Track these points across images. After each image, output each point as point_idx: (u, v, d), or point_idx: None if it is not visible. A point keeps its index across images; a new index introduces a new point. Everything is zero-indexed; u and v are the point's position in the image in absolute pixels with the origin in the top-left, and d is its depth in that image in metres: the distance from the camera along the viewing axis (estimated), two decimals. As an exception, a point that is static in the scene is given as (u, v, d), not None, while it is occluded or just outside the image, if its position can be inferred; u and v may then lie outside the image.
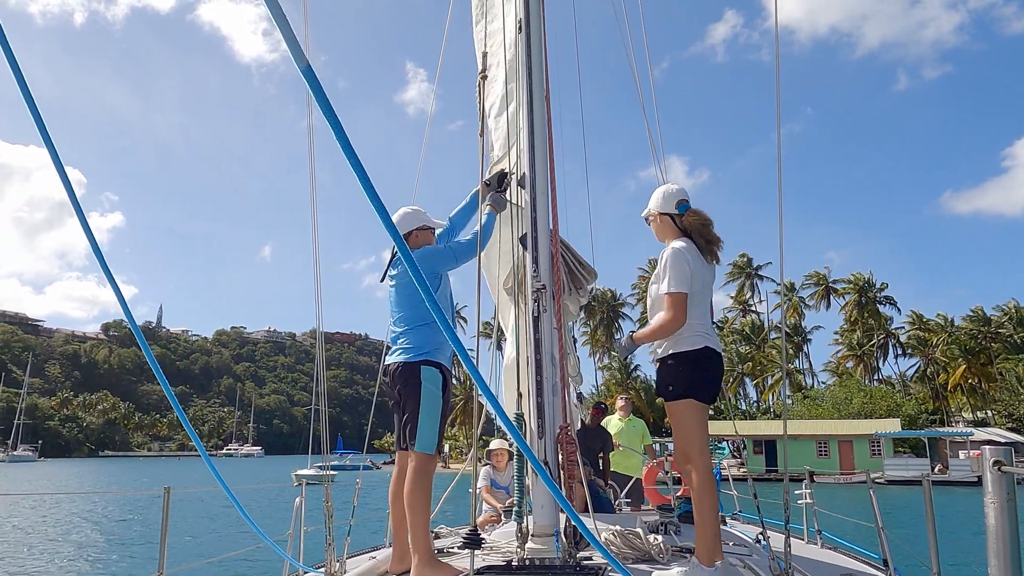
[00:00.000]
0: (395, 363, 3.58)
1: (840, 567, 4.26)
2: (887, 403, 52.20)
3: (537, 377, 3.53)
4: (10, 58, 1.63)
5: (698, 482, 3.16)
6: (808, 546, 5.37)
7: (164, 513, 3.73)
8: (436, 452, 3.50)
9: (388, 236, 1.65)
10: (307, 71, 1.41)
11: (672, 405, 3.27)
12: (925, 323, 66.08)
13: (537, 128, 3.70)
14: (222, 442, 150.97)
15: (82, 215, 1.99)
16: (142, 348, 2.38)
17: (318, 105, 1.43)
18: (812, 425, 48.53)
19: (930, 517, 3.70)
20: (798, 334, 68.11)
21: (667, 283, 3.25)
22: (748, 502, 4.37)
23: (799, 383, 65.12)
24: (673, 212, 3.45)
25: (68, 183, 1.95)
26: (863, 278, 68.03)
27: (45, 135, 1.81)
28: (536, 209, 3.64)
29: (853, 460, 44.34)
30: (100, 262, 2.05)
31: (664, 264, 3.30)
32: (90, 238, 2.01)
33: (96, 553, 16.02)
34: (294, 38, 1.35)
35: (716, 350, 3.33)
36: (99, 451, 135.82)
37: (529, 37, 3.84)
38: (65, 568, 14.19)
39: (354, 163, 1.48)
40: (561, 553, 3.37)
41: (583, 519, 3.50)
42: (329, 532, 3.66)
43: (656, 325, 3.26)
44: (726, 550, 3.80)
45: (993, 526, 2.08)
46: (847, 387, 56.01)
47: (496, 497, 6.24)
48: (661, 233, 3.52)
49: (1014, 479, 2.14)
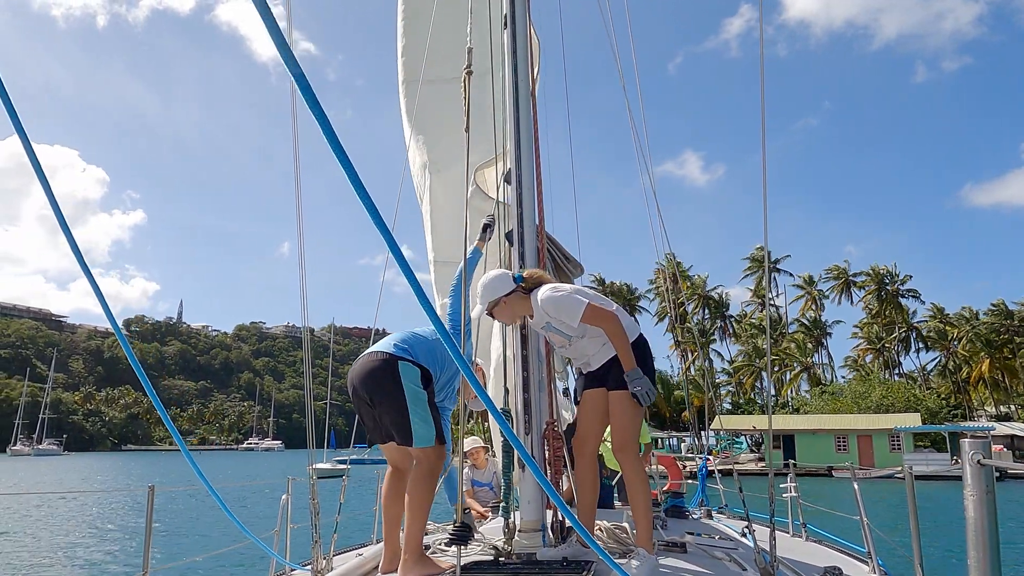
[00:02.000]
0: (364, 360, 3.43)
1: (824, 560, 4.25)
2: (907, 397, 51.66)
3: (524, 373, 3.53)
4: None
5: (635, 471, 3.34)
6: (793, 539, 5.41)
7: (148, 512, 3.73)
8: (438, 442, 3.34)
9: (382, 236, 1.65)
10: (298, 77, 1.40)
11: (615, 395, 3.37)
12: (947, 316, 65.30)
13: (523, 124, 3.70)
14: (243, 436, 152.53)
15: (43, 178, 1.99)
16: (117, 336, 2.39)
17: (308, 106, 1.41)
18: (831, 420, 48.14)
19: (912, 510, 3.73)
20: (817, 328, 67.58)
21: (575, 307, 3.33)
22: (734, 496, 4.36)
23: (818, 378, 64.59)
24: (513, 287, 3.48)
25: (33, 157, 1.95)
26: (883, 270, 67.32)
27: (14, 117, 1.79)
28: (522, 205, 3.64)
29: (872, 455, 43.92)
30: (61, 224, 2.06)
31: (559, 307, 3.35)
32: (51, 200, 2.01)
33: (83, 552, 15.96)
34: (283, 39, 1.35)
35: (644, 337, 3.48)
36: (122, 445, 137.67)
37: (515, 33, 3.84)
38: (56, 566, 14.24)
39: (344, 164, 1.48)
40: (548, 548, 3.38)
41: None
42: (315, 529, 3.67)
43: (614, 336, 3.33)
44: (712, 544, 3.81)
45: (972, 518, 2.13)
46: (866, 381, 55.50)
47: (477, 496, 6.23)
48: (519, 309, 3.52)
49: (993, 472, 2.19)
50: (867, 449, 44.59)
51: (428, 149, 5.79)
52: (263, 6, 1.36)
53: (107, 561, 14.84)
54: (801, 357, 64.31)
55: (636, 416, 3.37)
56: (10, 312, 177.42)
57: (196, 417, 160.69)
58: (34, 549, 16.48)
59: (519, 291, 3.48)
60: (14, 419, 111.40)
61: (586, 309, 3.31)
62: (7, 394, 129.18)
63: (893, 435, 43.92)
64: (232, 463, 67.93)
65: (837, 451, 45.19)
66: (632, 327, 3.44)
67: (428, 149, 5.79)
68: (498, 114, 3.92)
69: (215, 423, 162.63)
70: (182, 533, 18.51)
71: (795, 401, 61.78)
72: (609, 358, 3.40)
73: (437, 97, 5.52)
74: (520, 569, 3.14)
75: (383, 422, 3.39)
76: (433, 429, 3.32)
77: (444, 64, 5.18)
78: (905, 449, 42.85)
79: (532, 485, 3.47)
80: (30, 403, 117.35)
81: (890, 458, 42.68)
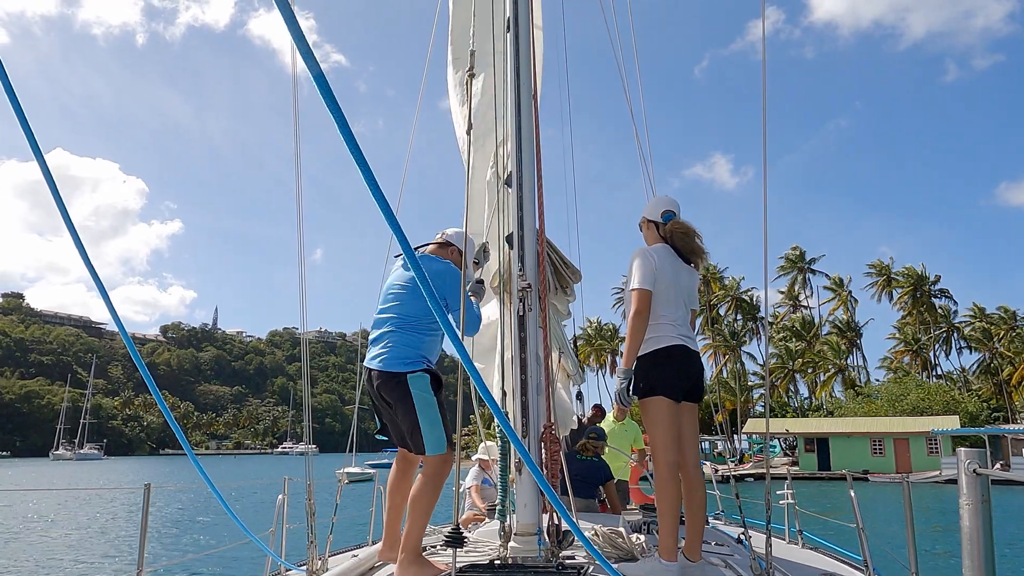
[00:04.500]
0: (376, 371, 3.48)
1: (820, 567, 4.18)
2: (945, 399, 50.42)
3: (522, 376, 3.52)
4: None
5: (658, 478, 3.25)
6: (789, 546, 5.35)
7: (144, 511, 3.76)
8: (449, 449, 3.40)
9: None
10: (318, 78, 1.45)
11: (642, 402, 3.33)
12: (987, 316, 63.69)
13: (524, 127, 3.69)
14: (277, 440, 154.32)
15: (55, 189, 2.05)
16: (122, 337, 2.45)
17: (330, 113, 1.45)
18: (866, 423, 47.14)
19: (909, 517, 3.65)
20: (851, 330, 66.38)
21: (631, 280, 3.35)
22: (730, 502, 4.33)
23: (852, 380, 63.41)
24: (658, 220, 3.58)
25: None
26: (917, 272, 65.94)
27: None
28: (523, 208, 3.64)
29: (909, 459, 42.94)
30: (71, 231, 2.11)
31: (630, 265, 3.39)
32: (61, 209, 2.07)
33: (79, 552, 16.10)
34: (307, 46, 1.38)
35: (690, 348, 3.37)
36: (159, 449, 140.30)
37: (517, 35, 3.84)
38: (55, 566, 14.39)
39: (358, 159, 1.52)
40: (544, 552, 3.36)
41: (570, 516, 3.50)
42: (311, 530, 3.70)
43: (627, 331, 3.33)
44: (708, 550, 3.76)
45: (967, 527, 2.10)
46: (902, 383, 54.31)
47: (486, 495, 6.26)
48: (647, 240, 3.64)
49: (989, 481, 2.16)
50: (904, 453, 43.59)
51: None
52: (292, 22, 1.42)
53: (107, 561, 15.02)
54: (835, 359, 63.17)
55: (656, 421, 3.28)
56: (52, 320, 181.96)
57: (231, 422, 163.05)
58: (39, 548, 16.63)
59: (659, 229, 3.56)
60: (56, 424, 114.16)
61: (631, 292, 3.35)
62: (49, 399, 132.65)
63: (931, 438, 42.87)
64: (266, 467, 68.78)
65: (873, 455, 44.27)
66: (669, 336, 3.33)
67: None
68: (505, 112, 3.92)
69: (249, 427, 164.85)
70: (179, 532, 18.63)
71: (829, 404, 60.68)
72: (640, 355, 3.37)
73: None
74: (515, 572, 3.14)
75: (399, 426, 3.51)
76: (444, 437, 3.39)
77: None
78: (943, 453, 41.82)
79: (529, 488, 3.46)
80: (71, 408, 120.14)
81: (927, 462, 41.71)
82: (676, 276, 3.44)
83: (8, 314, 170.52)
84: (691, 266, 3.55)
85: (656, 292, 3.33)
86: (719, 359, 65.38)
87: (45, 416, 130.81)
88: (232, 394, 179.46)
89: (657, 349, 3.31)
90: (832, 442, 45.34)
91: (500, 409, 2.35)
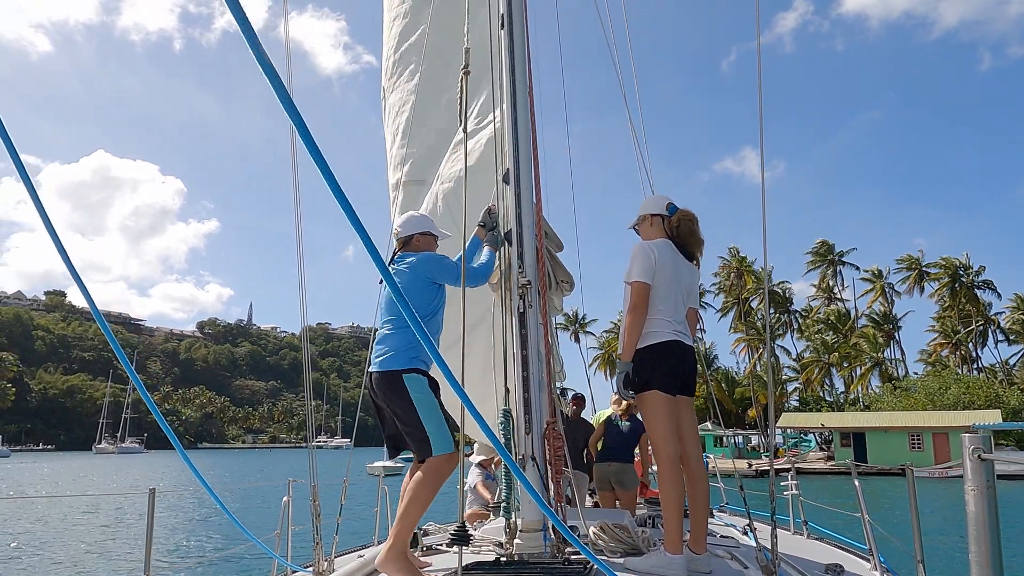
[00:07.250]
0: (376, 372, 3.51)
1: (825, 557, 4.14)
2: (986, 394, 49.21)
3: (524, 373, 3.52)
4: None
5: (661, 472, 3.25)
6: (795, 537, 5.35)
7: (149, 514, 3.78)
8: (455, 449, 3.42)
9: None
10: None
11: (639, 397, 3.32)
12: (1029, 307, 61.93)
13: (520, 124, 3.68)
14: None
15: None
16: (99, 324, 2.48)
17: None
18: (904, 417, 46.23)
19: (913, 506, 3.61)
20: (888, 322, 65.09)
21: (629, 273, 3.33)
22: (735, 494, 4.30)
23: (890, 373, 62.19)
24: (663, 213, 3.57)
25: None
26: (956, 262, 64.28)
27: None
28: (521, 205, 3.63)
29: (949, 453, 41.99)
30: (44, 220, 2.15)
31: (630, 257, 3.37)
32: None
33: (86, 556, 15.96)
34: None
35: (686, 343, 3.35)
36: (197, 443, 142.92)
37: (512, 32, 3.82)
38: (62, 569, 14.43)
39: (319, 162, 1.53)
40: (549, 548, 3.36)
41: (568, 512, 3.50)
42: (316, 531, 3.72)
43: (624, 324, 3.33)
44: (713, 542, 3.74)
45: (973, 512, 2.14)
46: (941, 377, 53.12)
47: (490, 488, 6.28)
48: (649, 235, 3.60)
49: (993, 467, 2.21)
50: (943, 447, 42.62)
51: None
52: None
53: (110, 563, 15.12)
54: (872, 352, 61.99)
55: (655, 416, 3.28)
56: (92, 317, 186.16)
57: (267, 416, 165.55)
58: (39, 551, 16.52)
59: (665, 222, 3.54)
60: (98, 419, 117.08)
61: (628, 285, 3.34)
62: (91, 394, 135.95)
63: (971, 433, 41.88)
64: (301, 461, 69.54)
65: (911, 449, 43.38)
66: (667, 332, 3.32)
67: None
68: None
69: (284, 422, 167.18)
70: (185, 535, 18.71)
71: (866, 398, 59.61)
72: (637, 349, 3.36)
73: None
74: (520, 569, 3.14)
75: (401, 430, 3.53)
76: (450, 436, 3.42)
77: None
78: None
79: (533, 484, 3.46)
80: (112, 403, 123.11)
81: (968, 457, 40.77)
82: (677, 272, 3.42)
83: (52, 311, 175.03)
84: (693, 263, 3.52)
85: (654, 286, 3.32)
86: (751, 353, 64.59)
87: (87, 411, 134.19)
88: (267, 389, 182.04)
89: (652, 344, 3.30)
90: (868, 436, 44.58)
91: (493, 432, 2.31)
